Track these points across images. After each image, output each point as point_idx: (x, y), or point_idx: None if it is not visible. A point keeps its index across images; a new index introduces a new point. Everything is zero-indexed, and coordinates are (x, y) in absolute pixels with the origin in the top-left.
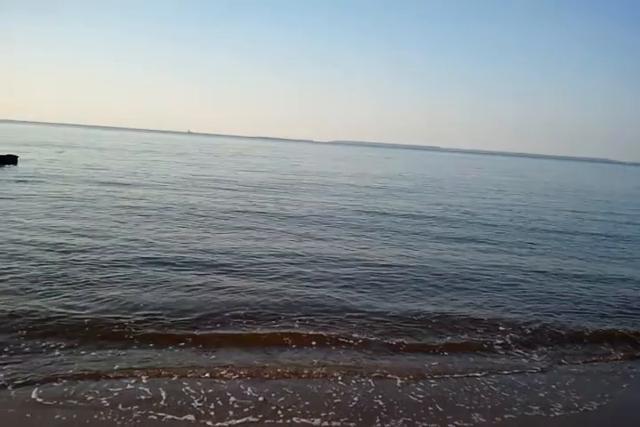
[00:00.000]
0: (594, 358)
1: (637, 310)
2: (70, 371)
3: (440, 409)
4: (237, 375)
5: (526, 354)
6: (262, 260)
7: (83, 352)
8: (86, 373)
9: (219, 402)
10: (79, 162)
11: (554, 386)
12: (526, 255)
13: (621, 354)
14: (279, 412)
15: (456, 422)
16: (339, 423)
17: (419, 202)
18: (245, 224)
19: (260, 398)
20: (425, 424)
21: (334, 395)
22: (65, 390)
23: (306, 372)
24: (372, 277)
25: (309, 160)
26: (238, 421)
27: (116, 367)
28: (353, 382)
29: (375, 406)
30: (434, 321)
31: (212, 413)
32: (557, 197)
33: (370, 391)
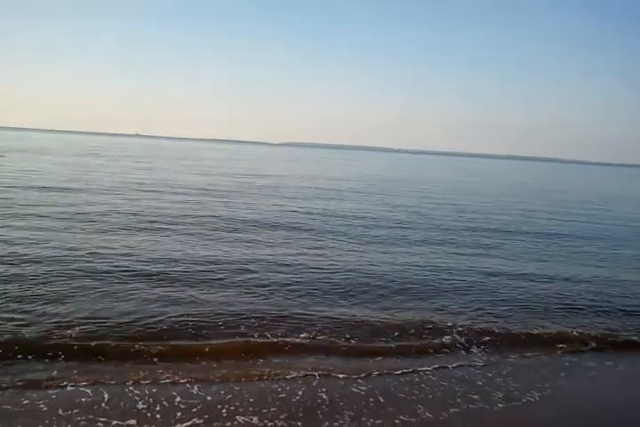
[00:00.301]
0: (537, 353)
1: (577, 307)
2: (6, 380)
3: (385, 404)
4: (186, 379)
5: (471, 350)
6: (212, 267)
7: (22, 363)
8: (23, 382)
9: (165, 403)
10: (22, 167)
11: (497, 379)
12: (473, 255)
13: (563, 348)
14: (224, 412)
15: (401, 417)
16: (284, 421)
17: (371, 203)
18: (195, 230)
19: (209, 398)
20: (371, 420)
21: (279, 390)
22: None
23: (254, 373)
24: (322, 282)
25: (261, 162)
26: (185, 424)
27: (55, 373)
28: (300, 380)
29: (319, 401)
30: (384, 323)
31: (158, 415)
32: (512, 196)
33: (314, 385)
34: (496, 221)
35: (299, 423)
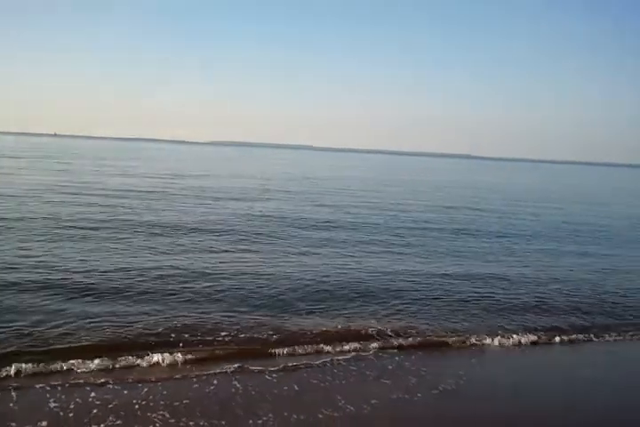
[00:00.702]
0: (449, 346)
1: (494, 304)
2: None
3: (302, 393)
4: (102, 380)
5: (393, 343)
6: (131, 275)
7: None
8: None
9: (78, 401)
10: None
11: (413, 369)
12: (392, 254)
13: (475, 342)
14: (138, 408)
15: (324, 411)
16: (199, 418)
17: (294, 203)
18: (115, 235)
19: (125, 392)
20: (294, 415)
21: (195, 383)
22: None
23: (171, 372)
24: (243, 286)
25: (184, 162)
26: (101, 422)
27: None
28: (217, 376)
29: (232, 390)
30: (302, 325)
31: (71, 414)
32: (436, 193)
33: (232, 380)
34: (418, 219)
35: (221, 421)
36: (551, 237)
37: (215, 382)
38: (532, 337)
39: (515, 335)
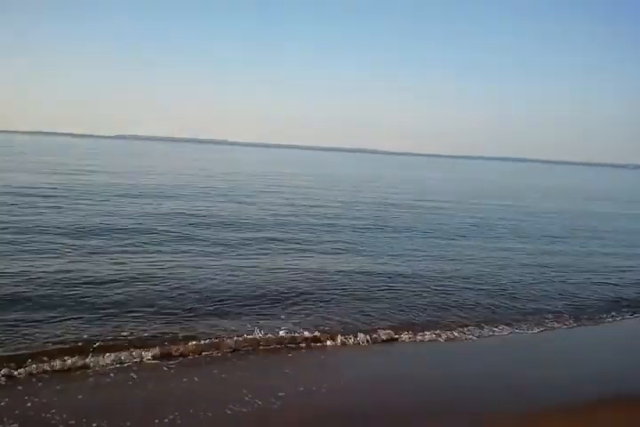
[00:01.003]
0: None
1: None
2: None
3: (207, 387)
4: None
5: (297, 337)
6: (31, 281)
7: None
8: None
9: None
10: None
11: (319, 361)
12: (294, 251)
13: (379, 337)
14: (30, 404)
15: (232, 406)
16: (99, 418)
17: (208, 201)
18: (14, 237)
19: (19, 388)
20: (202, 412)
21: (91, 379)
22: None
23: (65, 368)
24: (147, 289)
25: (91, 158)
26: None
27: None
28: (114, 370)
29: (130, 382)
30: (212, 327)
31: None
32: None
33: (131, 375)
34: (330, 215)
35: (124, 420)
36: (455, 231)
37: (112, 375)
38: (435, 331)
39: (419, 330)
